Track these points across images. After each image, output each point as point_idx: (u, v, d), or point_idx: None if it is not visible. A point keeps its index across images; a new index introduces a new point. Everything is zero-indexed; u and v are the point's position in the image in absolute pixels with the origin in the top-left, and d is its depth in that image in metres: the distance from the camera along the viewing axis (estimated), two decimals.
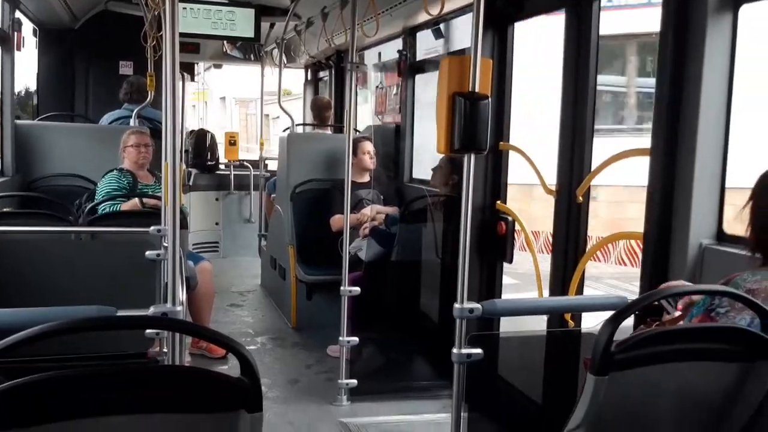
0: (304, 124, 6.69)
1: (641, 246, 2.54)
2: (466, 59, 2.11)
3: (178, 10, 2.02)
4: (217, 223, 7.24)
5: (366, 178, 4.78)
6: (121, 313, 1.85)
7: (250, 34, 5.27)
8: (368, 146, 4.75)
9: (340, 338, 3.67)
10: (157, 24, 4.14)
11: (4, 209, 3.78)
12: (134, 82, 5.30)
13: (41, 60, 5.93)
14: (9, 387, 1.14)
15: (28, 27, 5.32)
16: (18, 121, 4.77)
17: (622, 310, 1.50)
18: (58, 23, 5.56)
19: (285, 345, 4.62)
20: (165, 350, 2.93)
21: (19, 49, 4.64)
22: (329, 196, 4.84)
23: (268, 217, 6.29)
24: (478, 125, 2.07)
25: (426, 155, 5.06)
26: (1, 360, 1.19)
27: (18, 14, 4.54)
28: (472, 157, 2.14)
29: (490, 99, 2.10)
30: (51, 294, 3.14)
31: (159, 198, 3.89)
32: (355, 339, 3.69)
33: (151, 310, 2.04)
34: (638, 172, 2.56)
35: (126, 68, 5.98)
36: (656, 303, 1.90)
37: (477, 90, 2.08)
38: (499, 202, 3.58)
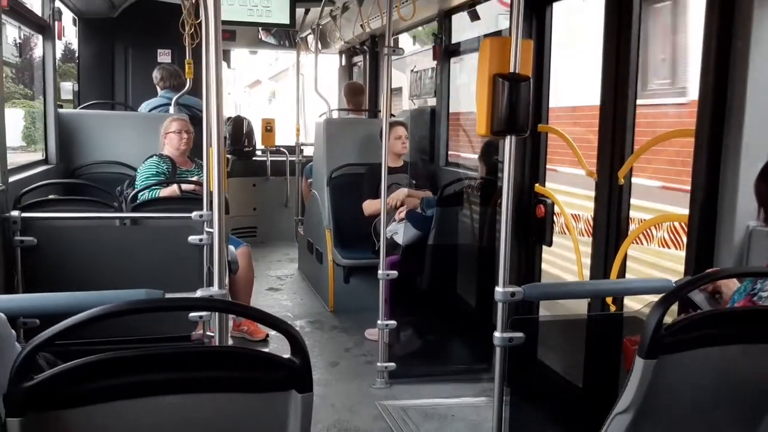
0: (339, 109, 6.70)
1: (686, 229, 2.50)
2: (506, 41, 2.09)
3: None
4: (254, 209, 7.32)
5: (399, 163, 4.78)
6: (167, 296, 1.89)
7: (286, 20, 5.29)
8: (401, 131, 4.74)
9: (379, 321, 3.69)
10: (195, 12, 4.18)
11: (50, 196, 3.87)
12: (167, 69, 5.37)
13: (81, 49, 6.04)
14: (66, 368, 1.18)
15: (68, 16, 5.40)
16: (60, 110, 4.87)
17: (672, 292, 1.48)
18: (98, 12, 5.65)
19: (323, 328, 4.68)
20: (209, 333, 3.01)
21: (59, 38, 4.72)
22: (364, 181, 4.86)
23: (305, 201, 6.34)
24: (519, 107, 2.06)
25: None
26: (57, 343, 1.23)
27: (58, 4, 4.62)
28: (513, 139, 2.12)
29: (531, 80, 2.09)
30: (96, 277, 3.22)
31: (198, 183, 3.95)
32: (393, 322, 3.71)
33: (199, 293, 2.08)
34: None
35: (164, 56, 6.05)
36: None
37: (517, 71, 2.07)
38: (537, 184, 3.54)
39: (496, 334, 2.15)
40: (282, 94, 21.69)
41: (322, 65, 6.63)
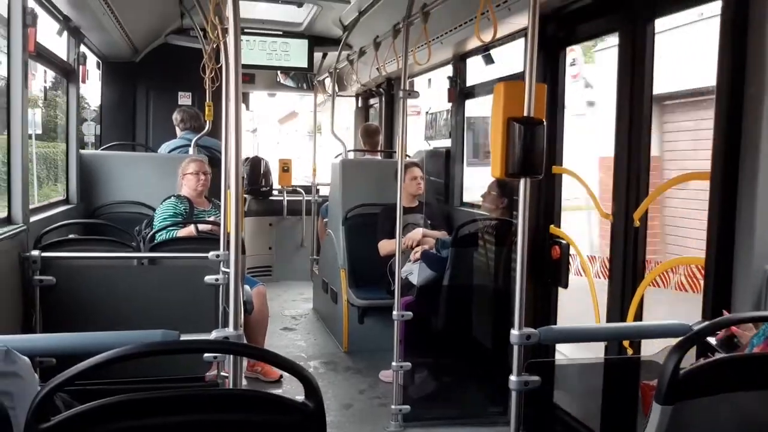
0: (355, 150, 6.78)
1: (702, 272, 2.48)
2: (520, 84, 2.12)
3: (240, 44, 2.09)
4: (270, 248, 7.36)
5: (415, 203, 4.81)
6: (183, 337, 1.90)
7: (304, 64, 5.42)
8: (416, 171, 4.79)
9: (393, 363, 3.67)
10: (215, 56, 4.28)
11: (70, 236, 3.93)
12: (187, 111, 5.49)
13: (104, 91, 6.18)
14: (83, 410, 1.19)
15: (92, 60, 5.55)
16: (82, 151, 4.98)
17: (689, 337, 1.47)
18: (121, 56, 5.80)
19: (337, 369, 4.65)
20: (223, 373, 3.01)
21: (84, 81, 4.85)
22: (379, 221, 4.89)
23: (321, 241, 6.37)
24: (534, 150, 2.07)
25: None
26: (76, 383, 1.24)
27: (83, 48, 4.76)
28: (528, 181, 2.14)
29: (545, 123, 2.11)
30: (113, 316, 3.24)
31: (215, 223, 4.00)
32: (408, 364, 3.68)
33: (214, 335, 2.09)
34: None
35: (185, 98, 6.18)
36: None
37: (531, 114, 2.09)
38: (552, 225, 3.54)
39: (512, 377, 2.13)
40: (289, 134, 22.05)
41: (337, 106, 6.73)
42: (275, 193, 7.52)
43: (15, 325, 3.12)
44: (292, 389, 3.99)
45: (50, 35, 4.13)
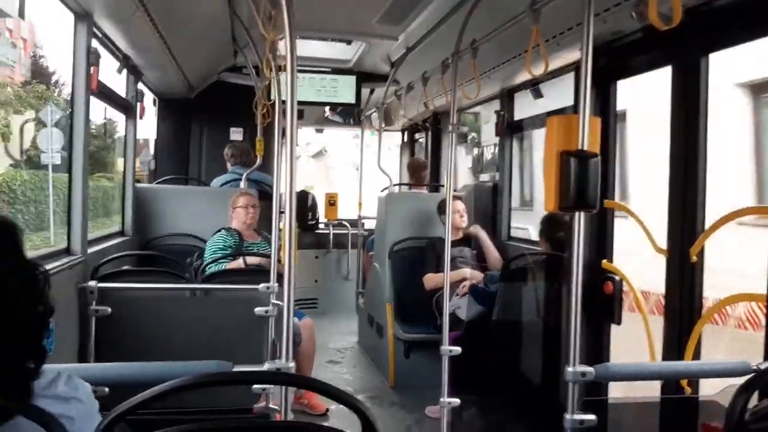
0: (400, 184, 6.81)
1: (764, 308, 2.39)
2: (573, 118, 2.11)
3: (297, 81, 2.14)
4: (316, 281, 7.41)
5: (460, 235, 4.80)
6: (235, 368, 1.92)
7: (352, 99, 5.51)
8: (458, 205, 4.80)
9: (441, 399, 3.61)
10: (267, 93, 4.39)
11: (125, 267, 4.03)
12: (237, 146, 5.64)
13: (159, 127, 6.39)
14: None
15: (148, 97, 5.75)
16: (137, 185, 5.13)
17: (757, 377, 1.42)
18: (176, 93, 5.99)
19: (383, 404, 4.60)
20: (272, 405, 3.02)
21: (141, 117, 5.03)
22: (424, 255, 4.88)
23: (366, 274, 6.38)
24: (588, 184, 2.05)
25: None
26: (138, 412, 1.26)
27: (140, 86, 4.94)
28: (582, 215, 2.11)
29: (599, 157, 2.09)
30: (165, 346, 3.29)
31: (265, 255, 4.05)
32: (457, 400, 3.62)
33: (266, 366, 2.10)
34: None
35: (236, 134, 6.34)
36: None
37: (585, 148, 2.08)
38: (605, 260, 3.48)
39: (567, 416, 2.07)
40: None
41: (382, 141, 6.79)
42: (321, 226, 7.60)
43: (71, 354, 3.19)
44: (337, 423, 3.96)
45: (110, 73, 4.31)
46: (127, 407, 1.20)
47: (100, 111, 16.47)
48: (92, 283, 3.29)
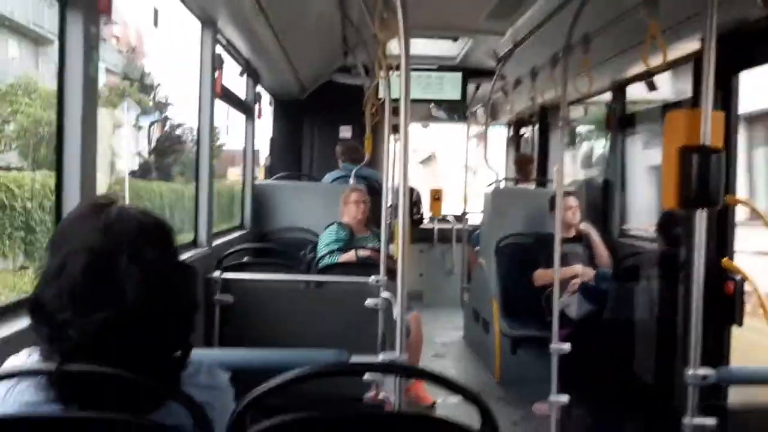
0: (506, 179, 6.77)
1: None
2: (694, 113, 2.06)
3: (410, 78, 2.21)
4: (421, 275, 7.49)
5: (572, 233, 4.70)
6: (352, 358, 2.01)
7: (457, 96, 5.55)
8: (570, 201, 4.69)
9: (551, 396, 3.58)
10: (375, 92, 4.51)
11: (245, 258, 4.27)
12: (347, 144, 5.81)
13: (275, 126, 6.69)
14: (274, 425, 1.20)
15: (265, 98, 6.04)
16: (255, 181, 5.41)
17: None
18: (290, 94, 6.26)
19: (489, 399, 4.51)
20: (383, 395, 3.11)
21: (259, 117, 5.30)
22: (532, 251, 4.83)
23: (471, 269, 6.39)
24: (710, 179, 1.99)
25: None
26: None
27: (258, 88, 5.20)
28: (704, 212, 2.05)
29: (722, 152, 2.02)
30: (281, 335, 3.46)
31: (375, 249, 4.17)
32: (566, 397, 3.58)
33: (381, 357, 2.19)
34: None
35: (345, 132, 6.53)
36: None
37: (707, 143, 2.02)
38: (725, 259, 3.32)
39: (685, 420, 2.03)
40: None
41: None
42: (426, 221, 7.68)
43: (198, 339, 3.42)
44: (445, 415, 4.01)
45: (232, 77, 4.57)
46: (259, 393, 1.23)
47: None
48: (217, 273, 3.52)
